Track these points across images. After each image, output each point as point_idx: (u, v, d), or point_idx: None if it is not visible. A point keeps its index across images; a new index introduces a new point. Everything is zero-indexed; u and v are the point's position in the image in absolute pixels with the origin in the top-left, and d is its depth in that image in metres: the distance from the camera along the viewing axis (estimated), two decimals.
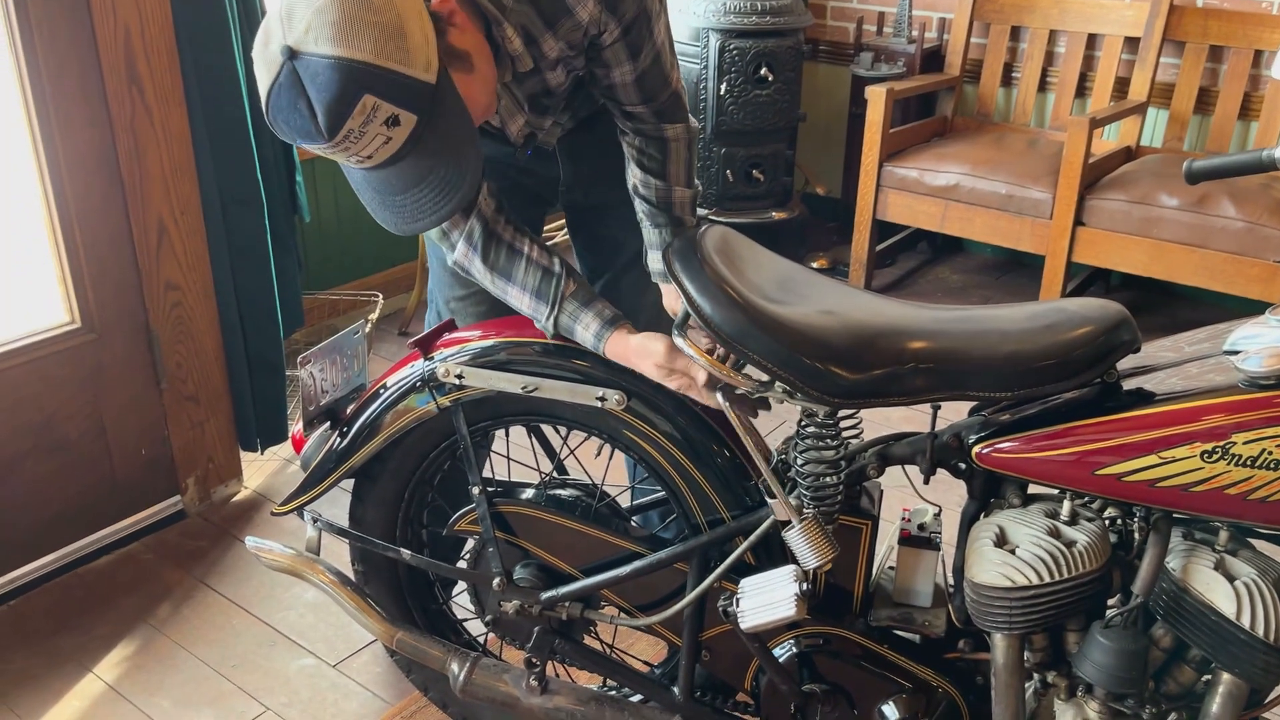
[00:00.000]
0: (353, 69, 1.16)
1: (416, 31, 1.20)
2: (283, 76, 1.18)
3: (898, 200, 3.69)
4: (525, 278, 1.50)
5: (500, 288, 1.53)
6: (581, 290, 1.51)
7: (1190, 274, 3.21)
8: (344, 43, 1.15)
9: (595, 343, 1.49)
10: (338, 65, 1.16)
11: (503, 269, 1.51)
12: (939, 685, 1.52)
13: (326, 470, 1.68)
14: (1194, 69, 3.54)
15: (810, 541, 1.39)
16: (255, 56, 1.23)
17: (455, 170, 1.27)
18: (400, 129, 1.22)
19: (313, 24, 1.16)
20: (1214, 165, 1.58)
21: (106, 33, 2.14)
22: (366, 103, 1.18)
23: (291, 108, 1.19)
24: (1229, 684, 1.28)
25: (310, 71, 1.16)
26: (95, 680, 2.08)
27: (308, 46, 1.16)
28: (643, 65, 1.52)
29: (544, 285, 1.49)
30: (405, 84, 1.19)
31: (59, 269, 2.24)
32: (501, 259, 1.51)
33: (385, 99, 1.18)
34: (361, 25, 1.16)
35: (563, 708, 1.63)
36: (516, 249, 1.51)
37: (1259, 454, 1.19)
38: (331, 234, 3.52)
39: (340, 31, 1.15)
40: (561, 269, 1.51)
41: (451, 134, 1.26)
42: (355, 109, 1.17)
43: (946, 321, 1.37)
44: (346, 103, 1.17)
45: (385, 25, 1.17)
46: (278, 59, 1.18)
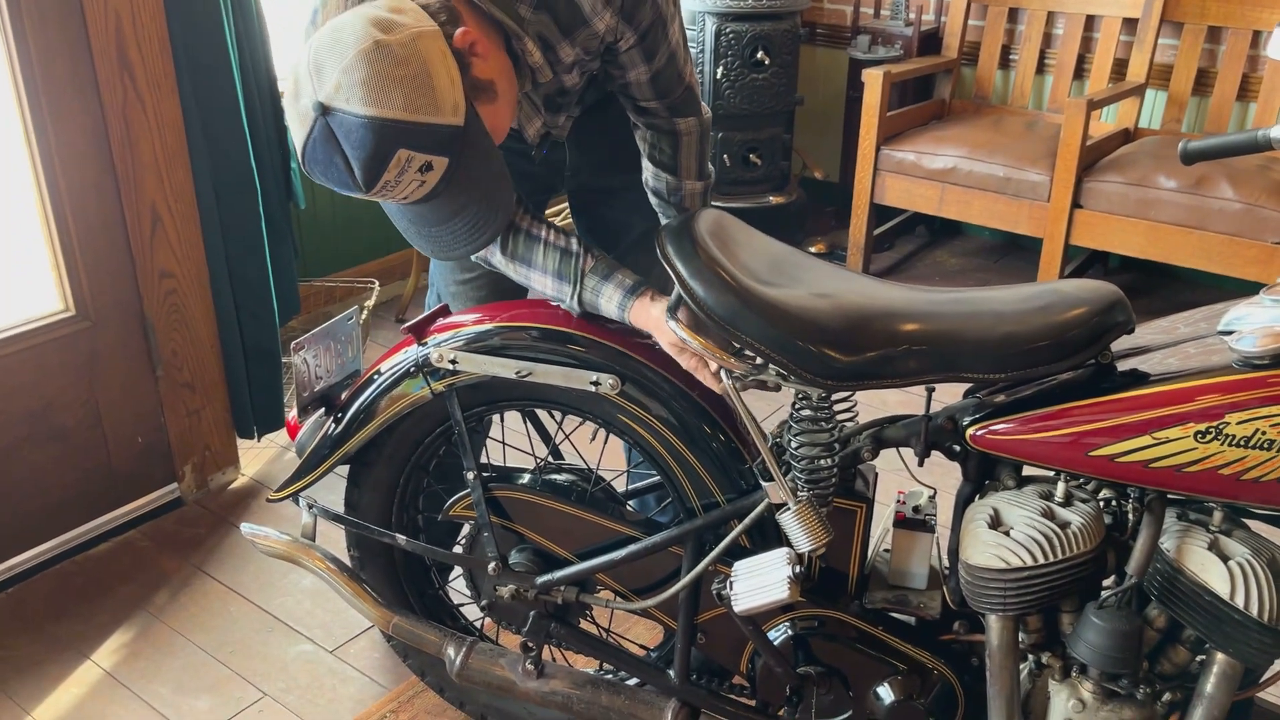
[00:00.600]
0: (384, 127, 1.18)
1: (443, 76, 1.22)
2: (316, 131, 1.20)
3: (895, 184, 3.68)
4: (545, 261, 1.52)
5: (522, 274, 1.55)
6: (601, 264, 1.52)
7: (1188, 256, 3.20)
8: (375, 102, 1.17)
9: (620, 313, 1.50)
10: (370, 125, 1.18)
11: (522, 256, 1.53)
12: (934, 667, 1.52)
13: (321, 456, 1.68)
14: (1192, 50, 3.53)
15: (804, 525, 1.39)
16: (286, 105, 1.25)
17: (487, 205, 1.30)
18: (433, 173, 1.24)
19: (342, 83, 1.18)
20: (1209, 146, 1.58)
21: (97, 19, 2.12)
22: (401, 156, 1.20)
23: (328, 161, 1.22)
24: (1223, 664, 1.28)
25: (344, 129, 1.19)
26: (93, 667, 2.09)
27: (339, 104, 1.18)
28: (657, 66, 1.54)
29: (564, 266, 1.51)
30: (435, 131, 1.21)
31: (52, 257, 2.24)
32: (520, 246, 1.53)
33: (418, 150, 1.21)
34: (390, 82, 1.17)
35: (559, 691, 1.63)
36: (534, 235, 1.53)
37: (1253, 434, 1.18)
38: (327, 221, 3.52)
39: (370, 91, 1.17)
40: (579, 247, 1.53)
41: (482, 169, 1.28)
42: (390, 163, 1.20)
43: (940, 303, 1.37)
44: (381, 159, 1.20)
45: (413, 78, 1.19)
46: (310, 114, 1.20)
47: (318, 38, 1.22)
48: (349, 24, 1.21)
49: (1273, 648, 1.25)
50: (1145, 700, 1.34)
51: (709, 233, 1.43)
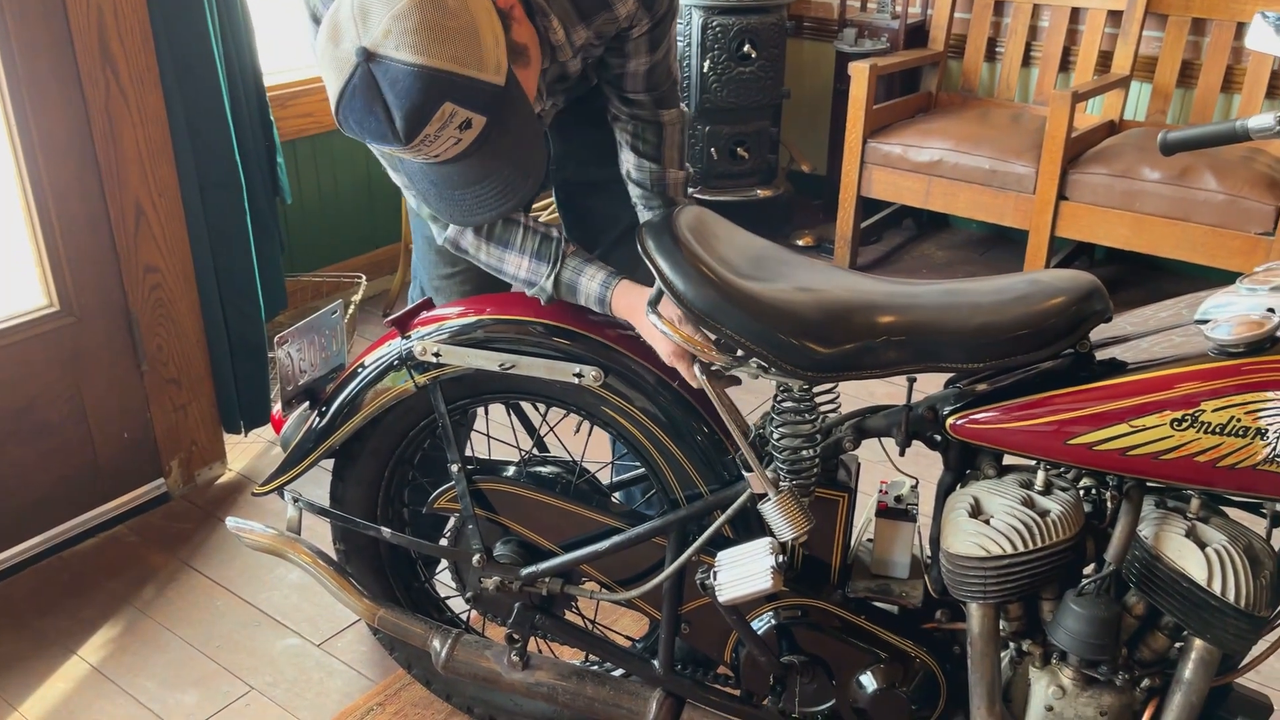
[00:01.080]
0: (435, 77, 1.15)
1: (489, 33, 1.20)
2: (357, 78, 1.17)
3: (882, 177, 3.68)
4: (524, 243, 1.51)
5: (496, 256, 1.52)
6: (581, 251, 1.53)
7: (1172, 247, 3.22)
8: (425, 50, 1.14)
9: (602, 291, 1.49)
10: (419, 73, 1.15)
11: (499, 238, 1.51)
12: (916, 655, 1.53)
13: (306, 450, 1.68)
14: (1177, 42, 3.54)
15: (785, 514, 1.40)
16: (321, 52, 1.20)
17: (518, 170, 1.28)
18: (471, 130, 1.22)
19: (392, 29, 1.14)
20: (1189, 136, 1.59)
21: (79, 13, 2.12)
22: (445, 110, 1.18)
23: (366, 110, 1.18)
24: (1201, 650, 1.29)
25: (390, 77, 1.15)
26: (80, 662, 2.08)
27: (386, 51, 1.15)
28: (658, 57, 1.56)
29: (544, 247, 1.51)
30: (480, 88, 1.19)
31: (36, 252, 2.23)
32: (497, 229, 1.51)
33: (462, 105, 1.18)
34: (442, 31, 1.15)
35: (544, 683, 1.64)
36: (512, 219, 1.52)
37: (1228, 421, 1.19)
38: (314, 216, 3.51)
39: (421, 39, 1.14)
40: (560, 234, 1.53)
41: (518, 133, 1.26)
42: (435, 115, 1.17)
43: (919, 295, 1.38)
44: (428, 110, 1.17)
45: (463, 30, 1.17)
46: (351, 60, 1.17)
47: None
48: None
49: (1249, 633, 1.26)
50: (1124, 686, 1.35)
51: (690, 228, 1.44)
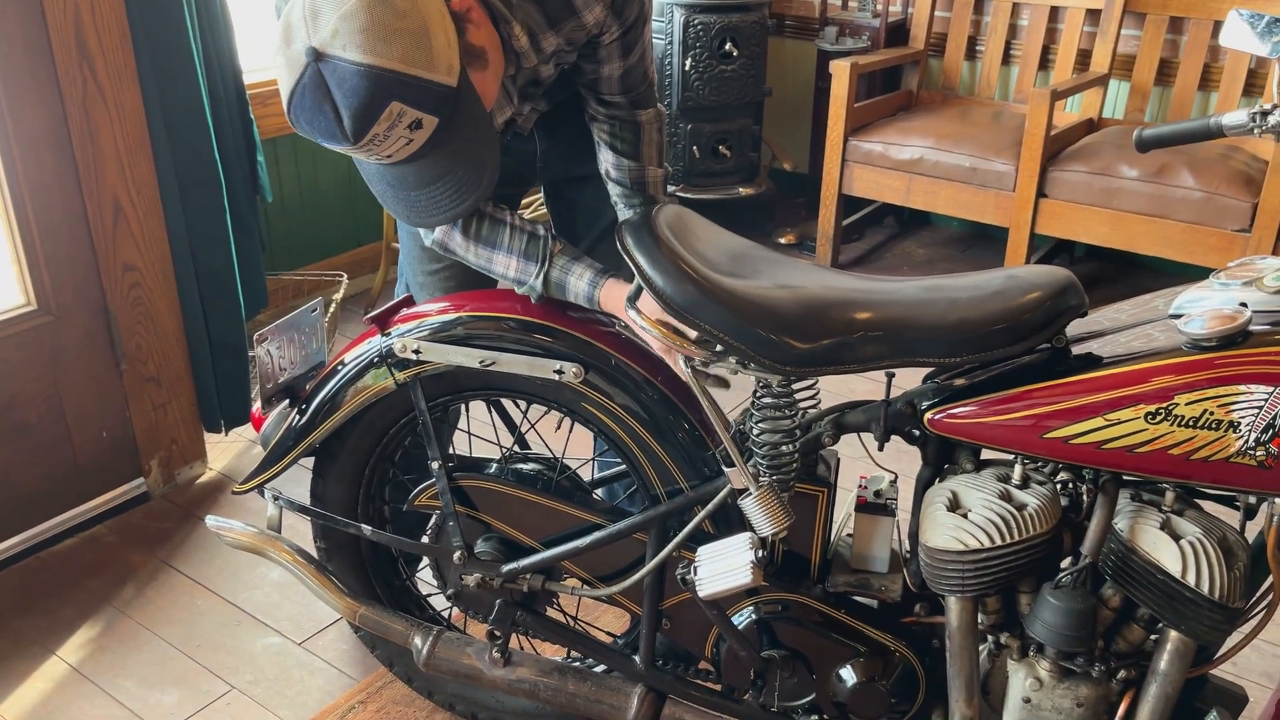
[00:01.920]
0: (381, 77, 1.16)
1: (440, 35, 1.21)
2: (307, 78, 1.18)
3: (863, 175, 3.70)
4: (511, 242, 1.52)
5: (484, 256, 1.53)
6: (569, 249, 1.53)
7: (1151, 244, 3.24)
8: (372, 50, 1.16)
9: (590, 290, 1.50)
10: (366, 73, 1.16)
11: (486, 238, 1.53)
12: (896, 649, 1.54)
13: (286, 448, 1.68)
14: (1154, 40, 3.56)
15: (765, 509, 1.41)
16: (274, 51, 1.22)
17: (472, 170, 1.29)
18: (422, 131, 1.23)
19: (340, 29, 1.16)
20: (1163, 133, 1.60)
21: (56, 9, 2.10)
22: (393, 109, 1.19)
23: (316, 109, 1.19)
24: (1176, 641, 1.30)
25: (337, 76, 1.17)
26: (59, 662, 2.07)
27: (334, 50, 1.16)
28: (631, 62, 1.56)
29: (531, 246, 1.51)
30: (429, 89, 1.20)
31: (13, 250, 2.22)
32: (485, 229, 1.53)
33: (410, 105, 1.19)
34: (390, 32, 1.16)
35: (525, 679, 1.64)
36: (499, 219, 1.53)
37: (1201, 414, 1.21)
38: (295, 214, 3.50)
39: (369, 38, 1.16)
40: (547, 232, 1.54)
41: (471, 134, 1.27)
42: (382, 115, 1.19)
43: (897, 291, 1.38)
44: (374, 109, 1.18)
45: (412, 31, 1.18)
46: (301, 59, 1.18)
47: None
48: None
49: (1224, 625, 1.27)
50: (1101, 678, 1.36)
51: (669, 226, 1.45)
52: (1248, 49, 1.54)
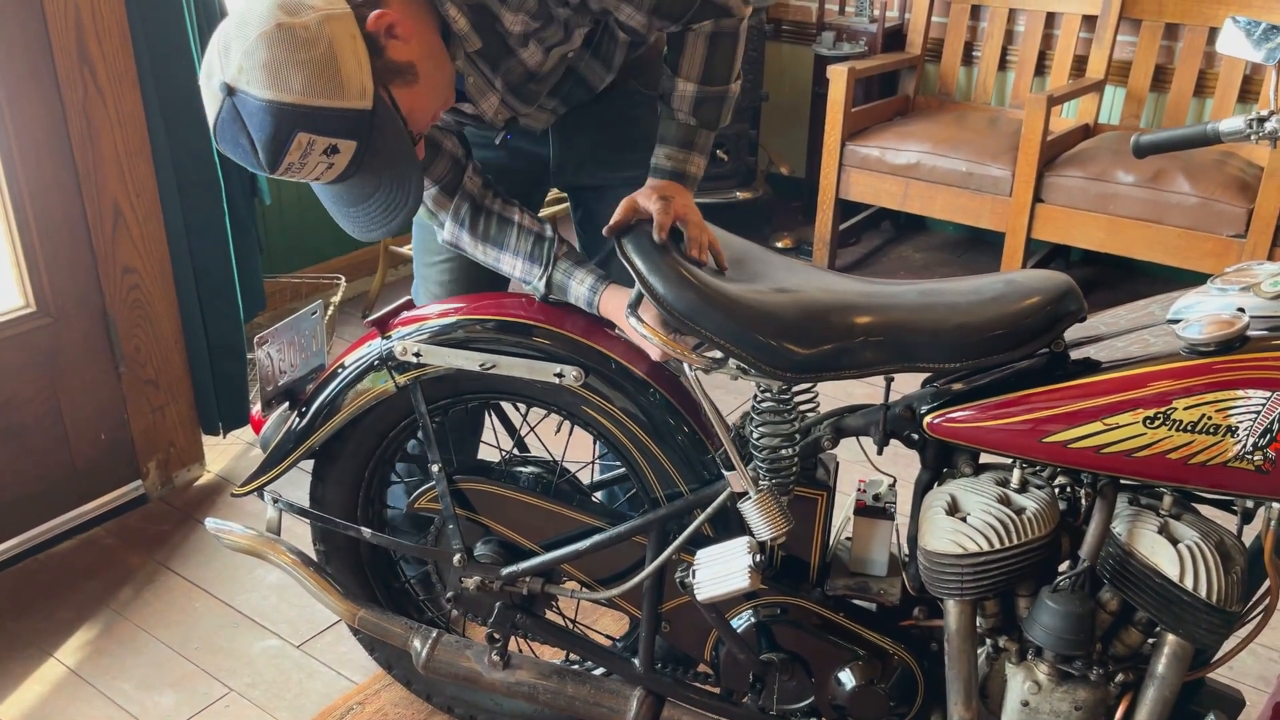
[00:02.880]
0: (282, 111, 1.19)
1: (349, 59, 1.21)
2: (224, 111, 1.22)
3: (860, 179, 3.71)
4: (517, 244, 1.53)
5: (492, 256, 1.55)
6: (573, 253, 1.54)
7: (1146, 249, 3.25)
8: (273, 85, 1.18)
9: (590, 295, 1.50)
10: (268, 108, 1.19)
11: (494, 238, 1.54)
12: (894, 652, 1.54)
13: (286, 451, 1.68)
14: (1150, 47, 3.58)
15: (764, 513, 1.41)
16: (201, 83, 1.26)
17: (398, 188, 1.30)
18: (341, 155, 1.25)
19: (244, 65, 1.19)
20: (1161, 139, 1.61)
21: (56, 13, 2.11)
22: (301, 140, 1.21)
23: (235, 141, 1.23)
24: (1174, 645, 1.31)
25: (247, 110, 1.20)
26: (57, 664, 2.07)
27: (242, 85, 1.19)
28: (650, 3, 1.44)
29: (536, 249, 1.52)
30: (339, 115, 1.22)
31: (13, 253, 2.22)
32: (493, 229, 1.54)
33: (320, 133, 1.22)
34: (290, 66, 1.18)
35: (525, 682, 1.64)
36: (507, 218, 1.54)
37: (1199, 419, 1.21)
38: (293, 217, 3.50)
39: (269, 74, 1.18)
40: (554, 234, 1.54)
41: (391, 154, 1.28)
42: (291, 146, 1.21)
43: (896, 295, 1.39)
44: (281, 141, 1.21)
45: (315, 61, 1.19)
46: (218, 94, 1.22)
47: (229, 18, 1.23)
48: (256, 6, 1.21)
49: (1221, 628, 1.28)
50: (1099, 681, 1.37)
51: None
52: (1244, 56, 1.55)
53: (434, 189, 1.54)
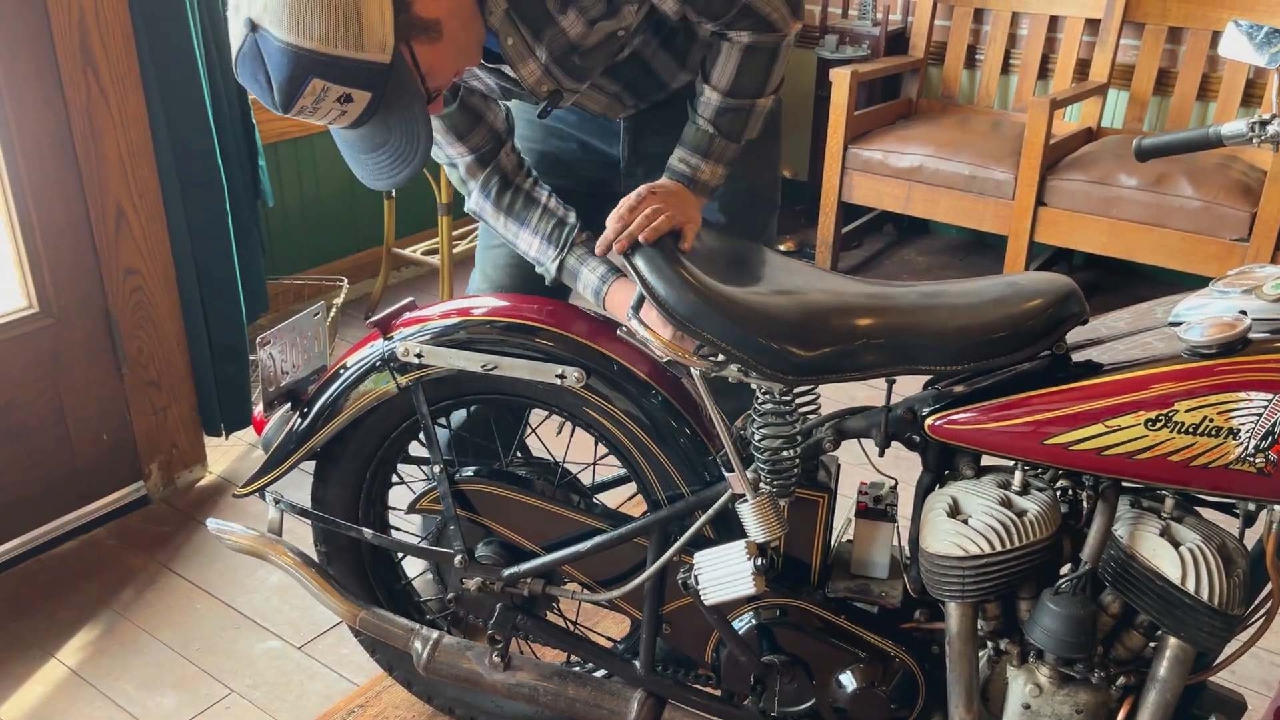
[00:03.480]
0: (300, 56, 1.20)
1: (373, 11, 1.22)
2: (246, 46, 1.23)
3: (863, 182, 3.71)
4: (538, 224, 1.55)
5: (511, 231, 1.57)
6: (592, 241, 1.53)
7: (1149, 253, 3.25)
8: (294, 29, 1.19)
9: (599, 285, 1.51)
10: (286, 50, 1.20)
11: (517, 214, 1.56)
12: (896, 655, 1.54)
13: (287, 451, 1.68)
14: (1153, 50, 3.58)
15: (761, 518, 1.41)
16: (229, 15, 1.26)
17: (408, 142, 1.31)
18: (354, 104, 1.26)
19: (269, 4, 1.19)
20: (1163, 142, 1.61)
21: (60, 14, 2.11)
22: (315, 85, 1.22)
23: (253, 77, 1.25)
24: (1176, 648, 1.31)
25: (267, 49, 1.21)
26: (58, 665, 2.07)
27: (265, 24, 1.20)
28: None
29: (555, 231, 1.54)
30: (356, 66, 1.22)
31: (15, 254, 2.22)
32: (518, 205, 1.56)
33: (335, 82, 1.22)
34: (313, 11, 1.18)
35: (526, 683, 1.64)
36: (534, 198, 1.56)
37: (1200, 421, 1.21)
38: (296, 219, 3.50)
39: (292, 16, 1.18)
40: (577, 221, 1.54)
41: (404, 108, 1.29)
42: (305, 90, 1.22)
43: (898, 298, 1.39)
44: (296, 85, 1.22)
45: (338, 9, 1.19)
46: (242, 29, 1.23)
47: None
48: None
49: (1223, 631, 1.28)
50: (1100, 684, 1.37)
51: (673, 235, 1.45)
52: (1247, 59, 1.55)
53: (470, 157, 1.56)
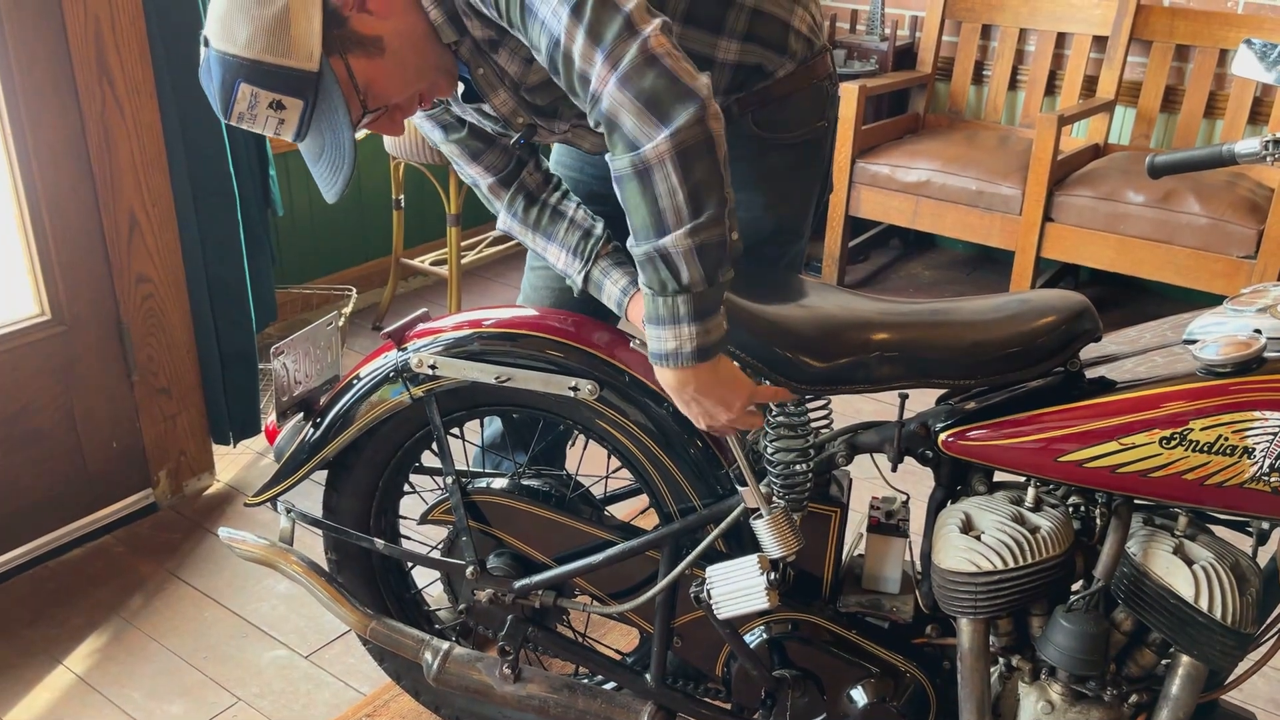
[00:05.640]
0: (227, 61, 1.27)
1: (302, 23, 1.26)
2: (202, 60, 1.32)
3: (870, 196, 3.71)
4: (565, 236, 1.55)
5: (540, 245, 1.58)
6: (618, 252, 1.53)
7: (1156, 269, 3.26)
8: (224, 37, 1.27)
9: (621, 297, 1.50)
10: (219, 58, 1.28)
11: (545, 229, 1.57)
12: (907, 670, 1.54)
13: (300, 461, 1.68)
14: (1161, 68, 3.59)
15: (777, 533, 1.41)
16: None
17: (337, 152, 1.34)
18: (288, 112, 1.30)
19: (211, 17, 1.29)
20: (1176, 160, 1.62)
21: (77, 24, 2.12)
22: (245, 90, 1.28)
23: (207, 85, 1.32)
24: (1188, 666, 1.31)
25: (209, 59, 1.30)
26: (66, 672, 2.07)
27: (209, 36, 1.29)
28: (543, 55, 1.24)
29: (581, 243, 1.54)
30: (282, 73, 1.27)
31: (29, 261, 2.23)
32: (545, 220, 1.57)
33: (262, 87, 1.28)
34: (241, 20, 1.26)
35: (536, 695, 1.64)
36: (561, 211, 1.56)
37: (1215, 440, 1.22)
38: (305, 228, 3.52)
39: (222, 26, 1.27)
40: (604, 232, 1.54)
41: (332, 119, 1.32)
42: (237, 94, 1.29)
43: (912, 313, 1.40)
44: (228, 89, 1.29)
45: (266, 18, 1.25)
46: (202, 44, 1.32)
47: None
48: None
49: (1236, 650, 1.28)
50: (1112, 702, 1.37)
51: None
52: (1258, 78, 1.56)
53: (490, 178, 1.58)
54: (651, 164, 1.18)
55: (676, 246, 1.21)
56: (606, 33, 1.17)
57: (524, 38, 1.25)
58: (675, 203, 1.19)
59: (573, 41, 1.18)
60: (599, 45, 1.17)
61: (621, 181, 1.22)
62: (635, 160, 1.18)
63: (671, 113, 1.16)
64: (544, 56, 1.23)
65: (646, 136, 1.17)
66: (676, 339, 1.26)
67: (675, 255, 1.21)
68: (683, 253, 1.21)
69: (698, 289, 1.23)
